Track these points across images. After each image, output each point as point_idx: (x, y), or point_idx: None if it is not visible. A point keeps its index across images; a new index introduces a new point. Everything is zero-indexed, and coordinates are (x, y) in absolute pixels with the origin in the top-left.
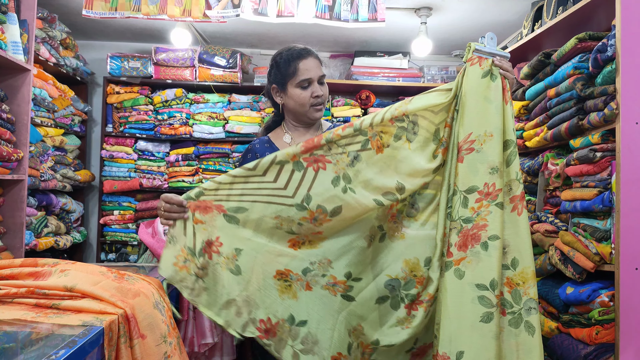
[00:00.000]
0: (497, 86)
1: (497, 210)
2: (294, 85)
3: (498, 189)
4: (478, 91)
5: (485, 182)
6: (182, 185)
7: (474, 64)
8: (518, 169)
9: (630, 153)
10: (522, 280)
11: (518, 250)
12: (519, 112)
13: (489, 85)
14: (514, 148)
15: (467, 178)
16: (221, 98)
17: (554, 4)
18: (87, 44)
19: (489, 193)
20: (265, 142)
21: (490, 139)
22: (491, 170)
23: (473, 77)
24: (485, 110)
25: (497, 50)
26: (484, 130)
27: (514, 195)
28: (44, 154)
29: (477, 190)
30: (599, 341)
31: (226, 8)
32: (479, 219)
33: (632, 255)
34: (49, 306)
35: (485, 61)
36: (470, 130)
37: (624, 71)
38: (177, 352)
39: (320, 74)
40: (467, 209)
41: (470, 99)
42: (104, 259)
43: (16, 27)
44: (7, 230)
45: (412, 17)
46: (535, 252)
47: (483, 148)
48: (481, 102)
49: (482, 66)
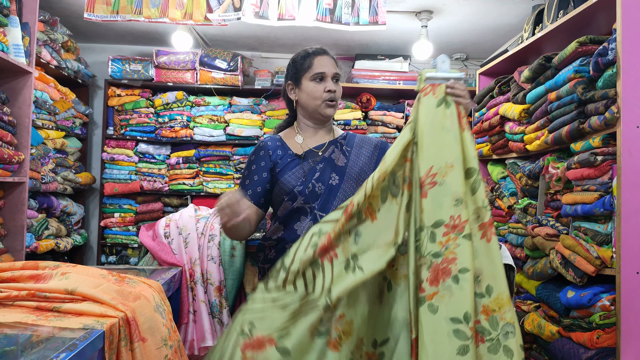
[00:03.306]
0: (452, 113)
1: (465, 242)
2: (308, 78)
3: (464, 221)
4: (434, 121)
5: (451, 214)
6: (182, 188)
7: (427, 93)
8: (484, 196)
9: (631, 157)
10: (498, 306)
11: (492, 277)
12: (519, 115)
13: (444, 113)
14: (478, 175)
15: (432, 213)
16: (222, 101)
17: (554, 7)
18: (89, 47)
19: (455, 226)
20: (277, 140)
21: (451, 170)
22: (456, 202)
23: (428, 107)
24: (443, 140)
25: (449, 73)
26: (444, 161)
27: (482, 222)
28: (45, 157)
29: (443, 224)
30: (600, 345)
31: (227, 11)
32: (448, 252)
33: (633, 259)
34: (50, 309)
35: (439, 88)
36: (431, 163)
37: (624, 75)
38: (177, 355)
39: (335, 72)
40: (435, 243)
41: (427, 131)
42: (104, 262)
43: (18, 29)
44: (7, 233)
45: (413, 20)
46: (536, 256)
47: (445, 180)
48: (439, 132)
49: (435, 94)
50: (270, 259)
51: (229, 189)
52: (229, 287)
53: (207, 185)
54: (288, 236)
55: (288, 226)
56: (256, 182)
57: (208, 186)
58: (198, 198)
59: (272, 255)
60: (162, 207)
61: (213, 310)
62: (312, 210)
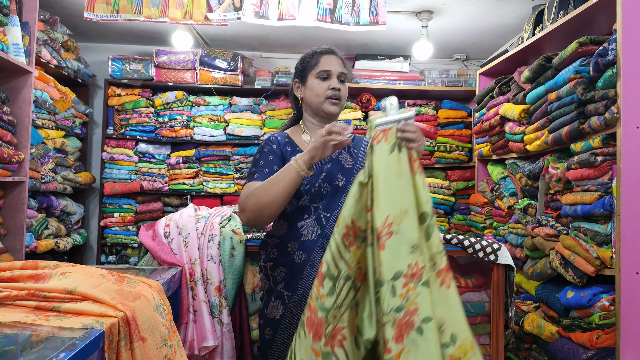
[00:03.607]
0: (404, 157)
1: (424, 289)
2: (313, 75)
3: (421, 267)
4: (389, 168)
5: (409, 263)
6: (182, 188)
7: (379, 140)
8: (438, 242)
9: (631, 157)
10: (463, 353)
11: (454, 324)
12: (519, 115)
13: (398, 159)
14: (431, 220)
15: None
16: (222, 101)
17: (555, 7)
18: (89, 46)
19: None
20: (285, 137)
21: (406, 216)
22: (412, 249)
23: (381, 154)
24: (398, 187)
25: (399, 115)
26: (399, 208)
27: (439, 269)
28: (45, 156)
29: (402, 274)
30: (599, 345)
31: (227, 11)
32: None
33: (633, 260)
34: (50, 309)
35: (390, 132)
36: (387, 212)
37: (624, 75)
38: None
39: (341, 71)
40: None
41: (382, 179)
42: (104, 261)
43: (18, 29)
44: (7, 232)
45: (413, 20)
46: (536, 256)
47: (401, 228)
48: (394, 179)
49: (388, 140)
50: (272, 258)
51: (228, 189)
52: (229, 287)
53: (207, 185)
54: (291, 235)
55: (291, 224)
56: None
57: (208, 186)
58: (198, 198)
59: (275, 254)
60: (162, 206)
61: (213, 310)
62: (317, 209)
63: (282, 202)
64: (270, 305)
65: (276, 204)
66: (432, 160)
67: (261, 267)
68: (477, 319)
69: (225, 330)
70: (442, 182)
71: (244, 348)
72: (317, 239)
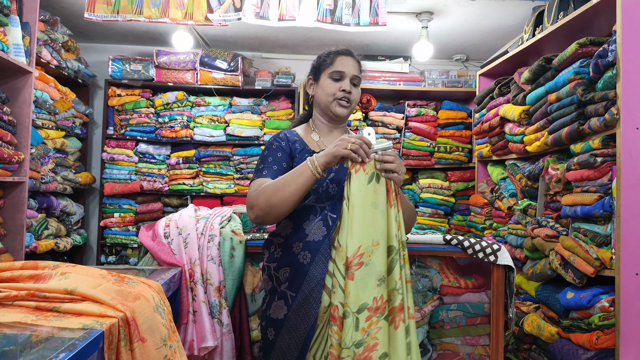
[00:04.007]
0: (381, 188)
1: (385, 324)
2: (326, 75)
3: (385, 301)
4: (365, 199)
5: (374, 296)
6: (182, 188)
7: (357, 170)
8: (398, 278)
9: (631, 158)
10: None
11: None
12: (519, 116)
13: (375, 189)
14: (396, 255)
15: (357, 296)
16: (222, 101)
17: (555, 9)
18: (89, 47)
19: (377, 307)
20: (295, 134)
21: (377, 248)
22: (379, 282)
23: (359, 184)
24: (373, 217)
25: (377, 145)
26: (372, 240)
27: (392, 307)
28: (45, 156)
29: (367, 307)
30: (599, 346)
31: (228, 11)
32: (369, 339)
33: (632, 261)
34: (49, 309)
35: (369, 163)
36: (360, 242)
37: (624, 76)
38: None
39: (355, 74)
40: (359, 331)
41: (358, 209)
42: (104, 262)
43: (18, 29)
44: (7, 232)
45: (414, 21)
46: (536, 257)
47: (371, 260)
48: (369, 210)
49: (365, 171)
50: (276, 258)
51: (228, 189)
52: (229, 287)
53: (207, 185)
54: (296, 235)
55: (297, 224)
56: (279, 161)
57: (208, 186)
58: (198, 198)
59: (279, 254)
60: (162, 207)
61: (213, 311)
62: (323, 210)
63: (294, 201)
64: (274, 306)
65: (288, 203)
66: (432, 161)
67: (264, 268)
68: (477, 320)
69: (225, 331)
70: (442, 183)
71: (244, 348)
72: (322, 240)
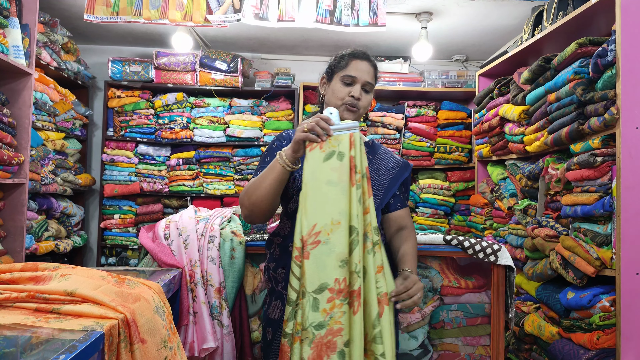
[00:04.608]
0: (344, 166)
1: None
2: (338, 77)
3: (348, 285)
4: (319, 177)
5: (336, 277)
6: (182, 189)
7: (312, 148)
8: (358, 260)
9: (631, 158)
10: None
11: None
12: (519, 116)
13: (333, 166)
14: (356, 236)
15: (315, 276)
16: (222, 102)
17: (554, 8)
18: (89, 48)
19: (340, 290)
20: None
21: (337, 227)
22: (341, 263)
23: (313, 162)
24: (328, 195)
25: (342, 124)
26: (330, 218)
27: (352, 290)
28: (45, 158)
29: (327, 288)
30: (600, 346)
31: (227, 13)
32: (333, 322)
33: (633, 260)
34: (50, 311)
35: (329, 142)
36: (315, 221)
37: (624, 76)
38: (177, 357)
39: (368, 80)
40: (319, 312)
41: (311, 187)
42: (104, 263)
43: (18, 31)
44: (7, 234)
45: (413, 21)
46: (536, 257)
47: (330, 239)
48: (324, 187)
49: (323, 149)
50: (275, 258)
51: (228, 190)
52: (229, 288)
53: (207, 186)
54: (293, 234)
55: (295, 224)
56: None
57: (208, 187)
58: (198, 199)
59: (277, 254)
60: (162, 208)
61: (213, 312)
62: None
63: (271, 198)
64: (272, 306)
65: (266, 200)
66: (432, 161)
67: (265, 268)
68: (478, 320)
69: (225, 332)
70: (442, 183)
71: (244, 349)
72: None
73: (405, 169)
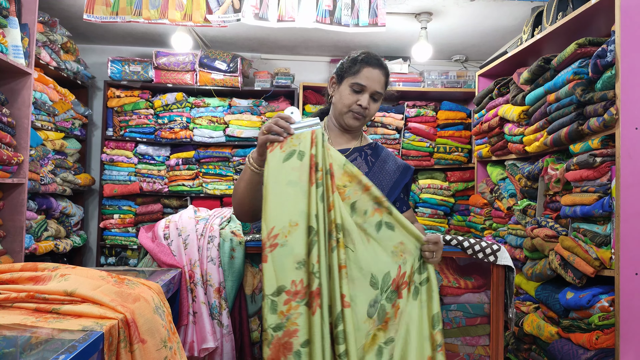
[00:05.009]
0: (304, 165)
1: (307, 310)
2: (348, 83)
3: (306, 286)
4: (279, 178)
5: (293, 279)
6: (182, 189)
7: (273, 149)
8: (315, 261)
9: (630, 158)
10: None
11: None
12: (519, 117)
13: (293, 166)
14: (314, 236)
15: (273, 279)
16: (222, 102)
17: (553, 9)
18: (88, 48)
19: (297, 292)
20: None
21: (295, 229)
22: (298, 265)
23: (273, 163)
24: (288, 196)
25: (304, 122)
26: (288, 220)
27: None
28: (44, 158)
29: (285, 290)
30: (599, 346)
31: (227, 12)
32: (289, 323)
33: (632, 260)
34: (49, 311)
35: (289, 141)
36: (273, 223)
37: (623, 76)
38: (177, 356)
39: (377, 90)
40: (276, 314)
41: (270, 189)
42: (103, 263)
43: (17, 31)
44: (6, 234)
45: (413, 22)
46: (536, 257)
47: (288, 240)
48: (283, 188)
49: (283, 148)
50: None
51: (228, 190)
52: (229, 288)
53: (207, 186)
54: None
55: None
56: None
57: (207, 187)
58: (197, 199)
59: None
60: (162, 208)
61: (213, 312)
62: None
63: (248, 199)
64: None
65: (245, 201)
66: (431, 161)
67: None
68: (477, 320)
69: (225, 332)
70: (441, 183)
71: (244, 349)
72: None
73: (407, 173)
